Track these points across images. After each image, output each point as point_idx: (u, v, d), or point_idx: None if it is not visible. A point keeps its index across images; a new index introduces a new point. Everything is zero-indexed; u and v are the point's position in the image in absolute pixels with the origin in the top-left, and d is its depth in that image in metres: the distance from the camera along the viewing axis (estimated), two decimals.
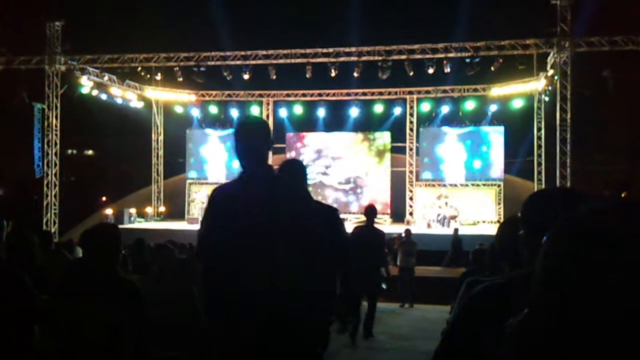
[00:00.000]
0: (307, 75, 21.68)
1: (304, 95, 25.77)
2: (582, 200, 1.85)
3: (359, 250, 9.08)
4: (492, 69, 20.78)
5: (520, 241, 1.98)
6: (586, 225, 0.93)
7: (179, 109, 26.97)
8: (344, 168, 25.74)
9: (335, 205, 23.01)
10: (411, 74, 21.23)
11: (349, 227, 23.68)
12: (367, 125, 26.00)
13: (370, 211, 10.05)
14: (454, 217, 22.68)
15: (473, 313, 2.00)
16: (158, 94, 26.35)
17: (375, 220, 10.03)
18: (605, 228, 0.90)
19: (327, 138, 26.16)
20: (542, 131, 23.76)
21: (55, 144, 21.71)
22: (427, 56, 20.56)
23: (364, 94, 25.27)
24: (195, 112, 27.03)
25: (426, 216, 23.36)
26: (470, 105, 24.43)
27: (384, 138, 25.73)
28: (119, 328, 3.35)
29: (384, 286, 10.08)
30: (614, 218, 0.92)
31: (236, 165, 3.26)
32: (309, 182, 4.18)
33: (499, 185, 24.51)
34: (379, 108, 25.15)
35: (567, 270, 0.90)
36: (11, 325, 3.45)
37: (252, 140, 3.25)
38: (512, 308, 1.48)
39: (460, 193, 24.40)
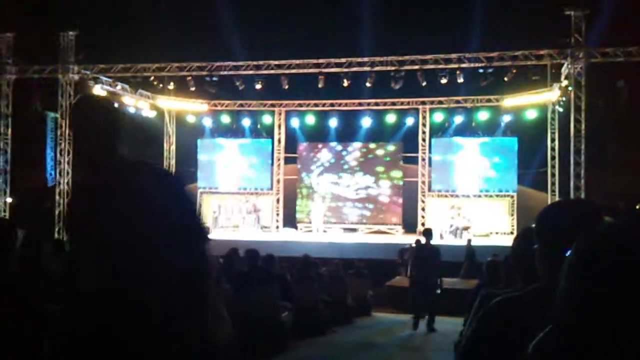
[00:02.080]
0: (320, 85, 21.70)
1: (316, 105, 25.78)
2: (597, 213, 1.81)
3: (420, 263, 12.26)
4: (506, 79, 20.73)
5: (536, 255, 1.95)
6: (611, 243, 0.89)
7: (191, 119, 27.05)
8: (355, 178, 25.71)
9: (350, 216, 22.90)
10: (424, 84, 21.21)
11: (361, 237, 23.66)
12: (380, 135, 25.99)
13: (427, 233, 13.03)
14: (466, 228, 22.59)
15: (491, 326, 1.96)
16: (170, 104, 26.46)
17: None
18: (631, 245, 0.87)
19: (339, 148, 26.15)
20: (556, 142, 23.65)
21: (68, 152, 21.79)
22: (440, 66, 20.54)
23: (377, 104, 25.24)
24: (207, 122, 27.11)
25: (438, 227, 23.29)
26: (483, 115, 24.39)
27: (396, 148, 25.71)
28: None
29: (438, 291, 12.36)
30: (637, 235, 0.89)
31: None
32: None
33: (512, 197, 24.40)
34: (391, 118, 25.15)
35: (594, 289, 0.87)
36: (20, 337, 3.43)
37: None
38: (530, 322, 1.45)
39: (473, 204, 24.30)
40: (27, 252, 4.67)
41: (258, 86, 21.99)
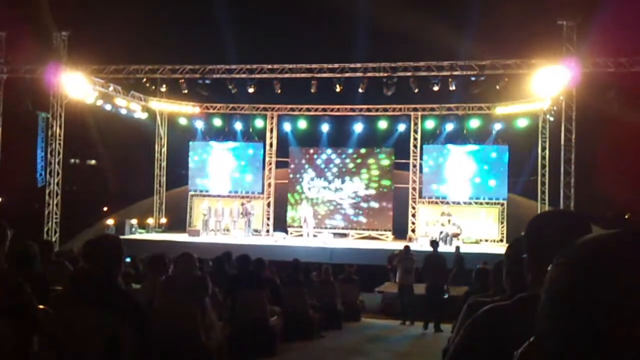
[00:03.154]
0: (312, 90, 21.70)
1: (308, 110, 25.77)
2: (585, 224, 1.83)
3: (429, 270, 13.45)
4: (497, 87, 20.78)
5: (524, 264, 1.96)
6: (590, 256, 0.91)
7: (182, 121, 27.02)
8: (346, 184, 25.70)
9: (340, 221, 22.85)
10: (416, 91, 21.22)
11: (352, 243, 23.56)
12: (371, 141, 26.00)
13: (434, 243, 14.21)
14: (456, 235, 22.59)
15: (478, 335, 1.97)
16: (162, 106, 26.43)
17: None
18: (609, 259, 0.88)
19: (330, 153, 26.14)
20: (547, 151, 23.77)
21: (59, 153, 21.69)
22: (433, 74, 20.56)
23: (369, 109, 25.28)
24: (199, 124, 27.07)
25: (429, 233, 23.28)
26: (474, 123, 24.46)
27: (387, 155, 25.71)
28: (119, 341, 3.31)
29: (445, 296, 13.36)
30: (618, 248, 0.90)
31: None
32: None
33: (502, 204, 24.44)
34: (383, 124, 25.18)
35: (572, 301, 0.88)
36: (10, 335, 3.42)
37: None
38: (517, 331, 1.46)
39: (463, 211, 24.33)
40: (15, 251, 4.65)
41: (250, 90, 21.95)
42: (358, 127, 25.47)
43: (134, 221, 24.94)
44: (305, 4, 24.97)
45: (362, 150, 25.95)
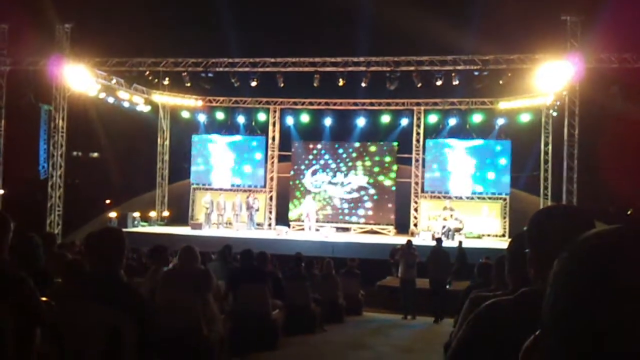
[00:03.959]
0: (315, 84, 21.67)
1: (311, 103, 25.74)
2: (588, 219, 1.83)
3: (433, 264, 14.01)
4: (501, 82, 20.74)
5: (527, 260, 1.96)
6: (591, 252, 0.90)
7: (185, 114, 27.02)
8: (349, 178, 25.68)
9: (343, 216, 22.80)
10: (419, 85, 21.20)
11: (354, 237, 23.56)
12: (374, 135, 25.95)
13: (438, 240, 15.07)
14: (458, 230, 22.57)
15: (481, 329, 1.97)
16: (165, 99, 26.42)
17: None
18: (611, 255, 0.88)
19: (333, 147, 26.11)
20: (549, 146, 23.73)
21: (61, 145, 21.69)
22: (436, 68, 20.53)
23: (372, 104, 25.23)
24: (202, 118, 27.06)
25: (431, 228, 23.28)
26: (477, 118, 24.42)
27: (390, 149, 25.68)
28: (121, 334, 3.32)
29: (448, 287, 14.34)
30: (620, 244, 0.89)
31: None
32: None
33: (504, 199, 24.42)
34: (386, 119, 25.15)
35: (573, 298, 0.88)
36: (12, 327, 3.43)
37: None
38: (520, 325, 1.46)
39: (465, 206, 24.31)
40: (18, 243, 4.65)
41: (253, 83, 21.93)
42: (361, 122, 25.45)
43: (137, 214, 24.97)
44: None
45: (365, 145, 25.89)
